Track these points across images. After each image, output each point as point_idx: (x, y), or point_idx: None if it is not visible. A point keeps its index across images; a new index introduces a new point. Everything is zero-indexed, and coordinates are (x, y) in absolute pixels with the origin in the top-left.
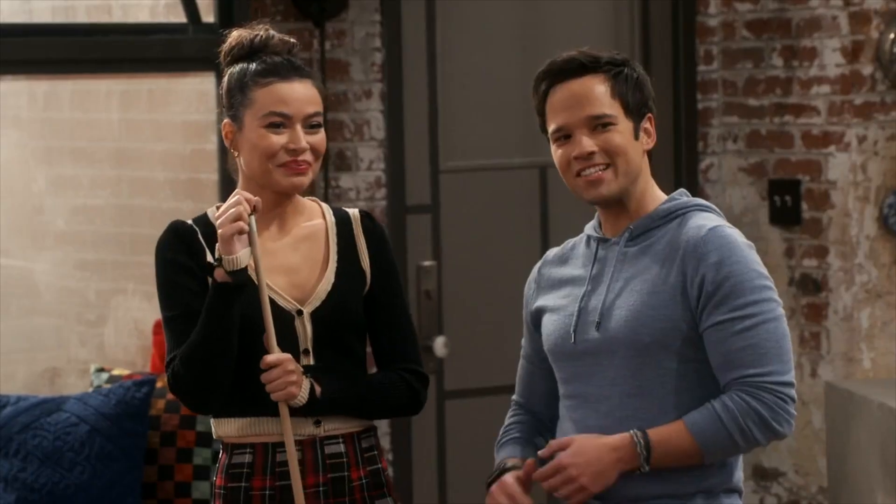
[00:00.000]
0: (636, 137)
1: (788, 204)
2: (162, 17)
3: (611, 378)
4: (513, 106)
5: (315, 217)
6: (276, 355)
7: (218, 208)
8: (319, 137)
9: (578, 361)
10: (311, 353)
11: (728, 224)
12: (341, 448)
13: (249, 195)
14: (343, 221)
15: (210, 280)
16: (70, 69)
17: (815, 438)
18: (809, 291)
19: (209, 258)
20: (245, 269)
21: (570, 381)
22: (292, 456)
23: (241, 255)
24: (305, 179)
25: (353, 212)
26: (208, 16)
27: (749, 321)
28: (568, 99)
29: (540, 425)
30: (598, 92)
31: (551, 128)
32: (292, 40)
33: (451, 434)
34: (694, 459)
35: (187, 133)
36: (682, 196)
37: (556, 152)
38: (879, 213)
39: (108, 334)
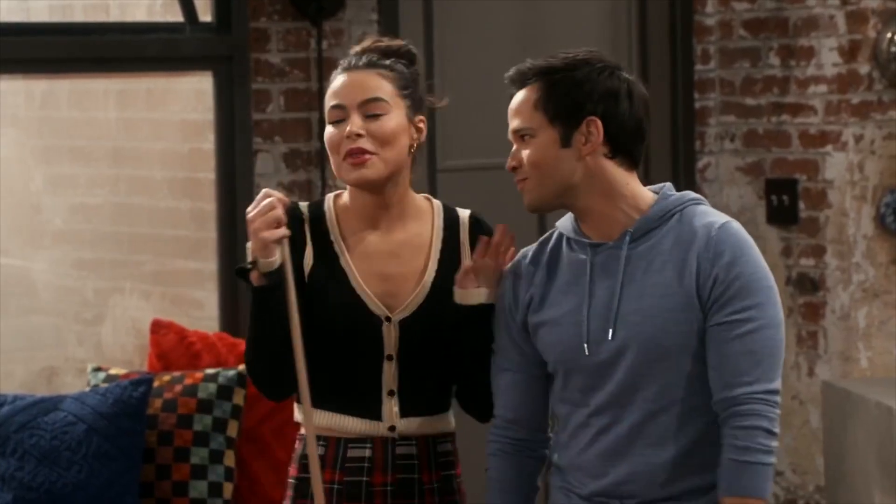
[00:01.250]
0: (567, 144)
1: (786, 203)
2: (159, 17)
3: (630, 383)
4: None
5: (424, 221)
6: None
7: (337, 197)
8: (378, 124)
9: (594, 371)
10: (396, 359)
11: (730, 218)
12: (413, 450)
13: (280, 194)
14: (451, 226)
15: (248, 284)
16: (67, 68)
17: (813, 437)
18: (807, 291)
19: (247, 258)
20: (280, 268)
21: (583, 391)
22: (311, 444)
23: (277, 257)
24: (368, 172)
25: (464, 215)
26: (205, 15)
27: (750, 325)
28: (509, 111)
29: (534, 446)
30: (524, 105)
31: None
32: (398, 45)
33: None
34: None
35: (185, 132)
36: (671, 192)
37: None
38: (876, 213)
39: (106, 333)
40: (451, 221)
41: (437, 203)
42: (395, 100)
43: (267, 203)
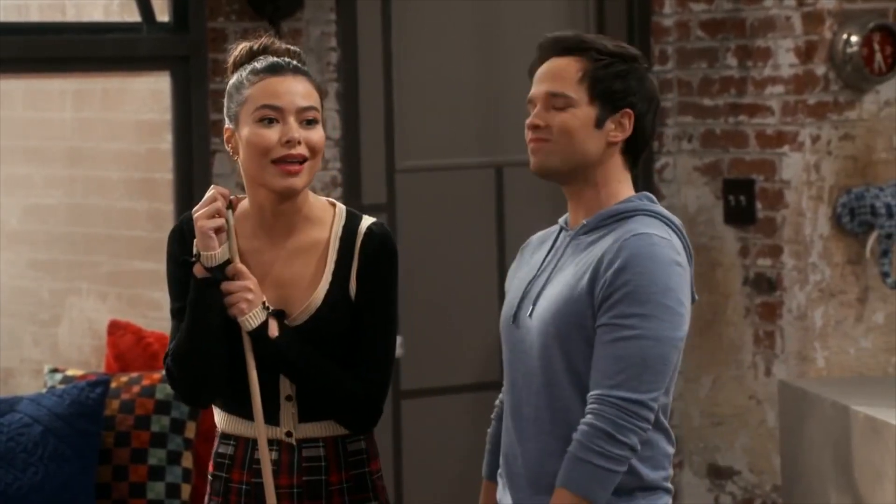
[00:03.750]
0: (598, 126)
1: (743, 203)
2: (116, 16)
3: (532, 367)
4: (469, 105)
5: (323, 227)
6: (244, 279)
7: (234, 204)
8: (316, 134)
9: (514, 346)
10: None
11: (666, 235)
12: (321, 452)
13: (225, 189)
14: (349, 234)
15: (192, 276)
16: (23, 68)
17: (769, 437)
18: (764, 290)
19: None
20: (224, 265)
21: (507, 364)
22: (264, 454)
23: (220, 251)
24: (298, 181)
25: (363, 225)
26: (163, 15)
27: (625, 332)
28: (541, 74)
29: None
30: (568, 72)
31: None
32: (297, 49)
33: (407, 434)
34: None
35: (141, 132)
36: (642, 199)
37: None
38: (833, 213)
39: (62, 334)
40: (350, 229)
41: (340, 209)
42: (321, 110)
43: (209, 196)
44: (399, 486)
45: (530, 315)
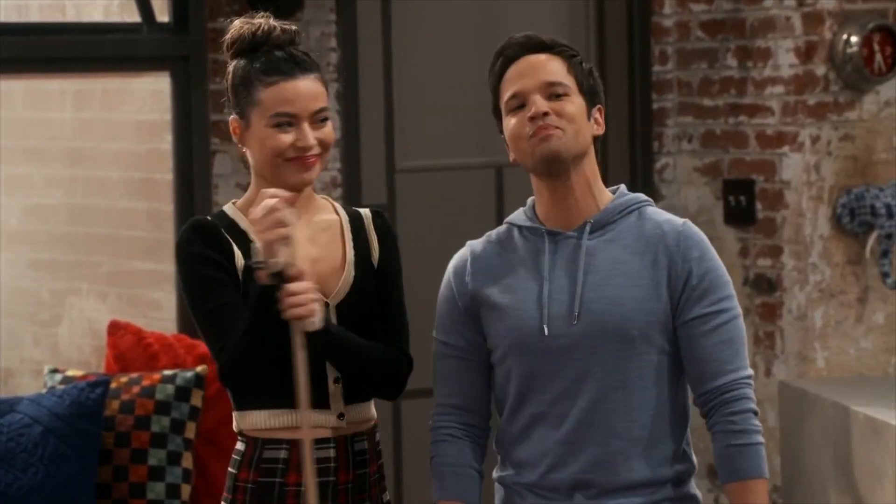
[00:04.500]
0: (588, 118)
1: (743, 204)
2: (116, 17)
3: (592, 372)
4: (469, 106)
5: (329, 212)
6: (304, 279)
7: (234, 203)
8: (326, 130)
9: (549, 356)
10: None
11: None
12: (365, 445)
13: (284, 193)
14: (356, 219)
15: (241, 278)
16: (23, 68)
17: (769, 437)
18: (764, 291)
19: (255, 257)
20: (287, 269)
21: (536, 377)
22: (308, 450)
23: (283, 258)
24: (312, 174)
25: (365, 211)
26: (163, 15)
27: (723, 316)
28: (525, 68)
29: (479, 434)
30: (555, 65)
31: (506, 96)
32: (294, 28)
33: (407, 434)
34: (765, 488)
35: (142, 132)
36: (627, 192)
37: (510, 122)
38: (833, 213)
39: (63, 335)
40: (353, 214)
41: (334, 202)
42: (328, 101)
43: (269, 205)
44: (399, 486)
45: (575, 323)
